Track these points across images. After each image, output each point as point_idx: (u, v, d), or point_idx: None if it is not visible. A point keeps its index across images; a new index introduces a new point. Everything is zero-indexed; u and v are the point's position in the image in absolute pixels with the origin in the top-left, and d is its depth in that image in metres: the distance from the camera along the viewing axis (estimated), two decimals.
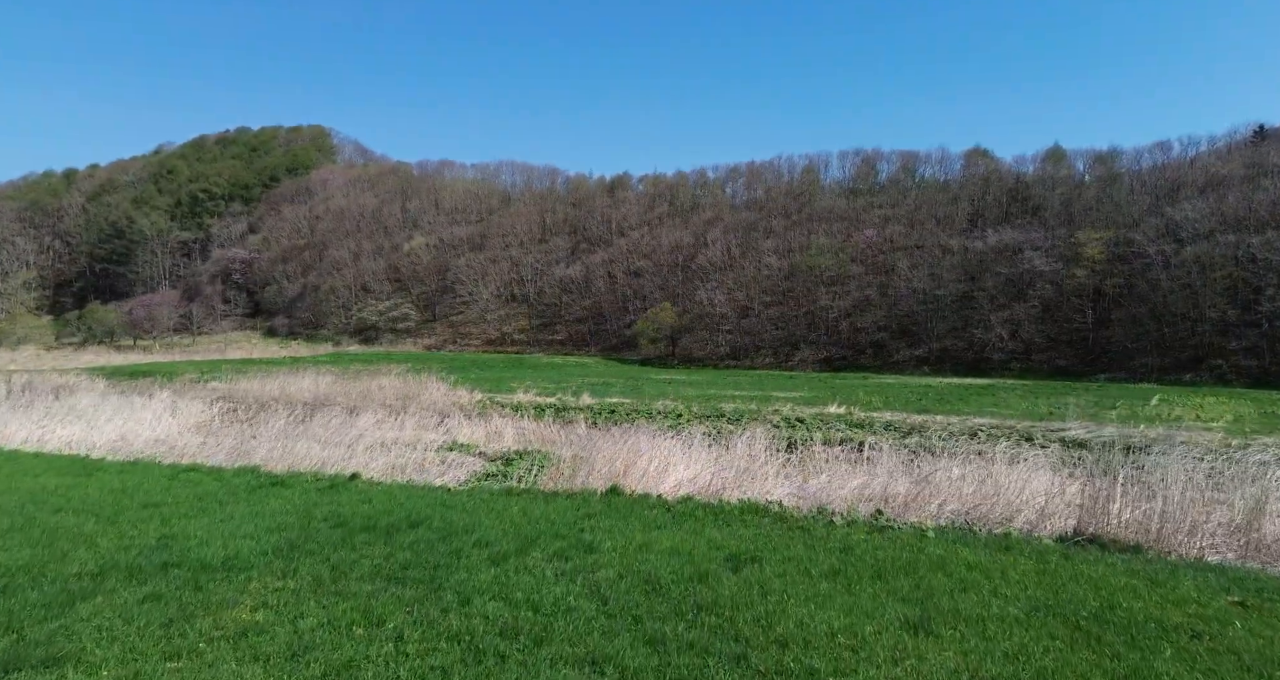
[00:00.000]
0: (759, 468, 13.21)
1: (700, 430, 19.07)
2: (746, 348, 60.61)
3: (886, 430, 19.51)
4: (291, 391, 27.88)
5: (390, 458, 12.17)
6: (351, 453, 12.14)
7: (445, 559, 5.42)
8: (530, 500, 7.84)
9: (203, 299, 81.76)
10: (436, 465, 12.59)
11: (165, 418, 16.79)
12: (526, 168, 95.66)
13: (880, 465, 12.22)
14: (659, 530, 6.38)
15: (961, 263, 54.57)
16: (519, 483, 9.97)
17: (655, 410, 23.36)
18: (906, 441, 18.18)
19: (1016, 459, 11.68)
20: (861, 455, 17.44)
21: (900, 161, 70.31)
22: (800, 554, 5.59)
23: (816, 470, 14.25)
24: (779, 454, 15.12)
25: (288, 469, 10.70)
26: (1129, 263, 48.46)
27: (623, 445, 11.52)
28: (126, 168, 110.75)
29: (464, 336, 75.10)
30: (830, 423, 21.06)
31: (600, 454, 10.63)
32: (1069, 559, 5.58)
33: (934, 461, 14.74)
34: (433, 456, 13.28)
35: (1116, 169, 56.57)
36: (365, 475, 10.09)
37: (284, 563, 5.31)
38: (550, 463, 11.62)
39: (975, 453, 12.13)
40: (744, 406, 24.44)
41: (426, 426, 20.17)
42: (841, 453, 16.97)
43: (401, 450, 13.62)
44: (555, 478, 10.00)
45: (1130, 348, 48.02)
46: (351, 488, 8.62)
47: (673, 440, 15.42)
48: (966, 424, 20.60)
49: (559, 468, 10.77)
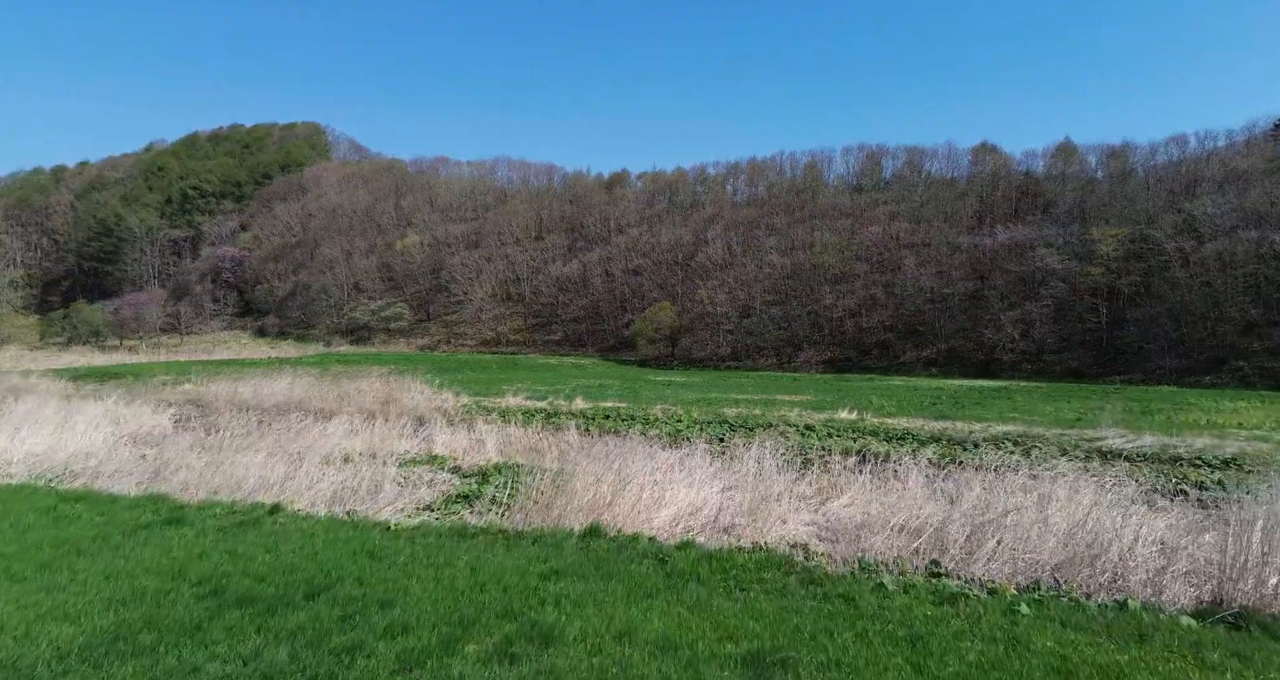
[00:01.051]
0: (771, 489, 11.49)
1: (702, 442, 17.33)
2: (748, 348, 58.88)
3: (905, 440, 17.79)
4: (263, 395, 26.10)
5: (340, 477, 10.39)
6: (294, 471, 10.36)
7: (334, 663, 3.68)
8: (486, 547, 6.11)
9: (191, 298, 79.94)
10: (395, 486, 10.83)
11: (104, 426, 15.02)
12: (523, 164, 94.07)
13: (910, 484, 10.56)
14: (648, 600, 4.64)
15: (970, 260, 52.86)
16: (480, 519, 8.21)
17: (653, 416, 21.59)
18: (928, 451, 16.46)
19: (1074, 479, 9.95)
20: (887, 468, 15.65)
21: (906, 157, 68.61)
22: (850, 651, 3.85)
23: (837, 488, 12.50)
24: (792, 470, 13.40)
25: (208, 495, 8.95)
26: (1145, 260, 46.76)
27: (610, 467, 9.77)
28: (117, 165, 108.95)
29: (458, 337, 73.36)
30: (843, 431, 19.30)
31: (583, 476, 8.88)
32: (1247, 662, 3.82)
33: (972, 481, 12.99)
34: (394, 473, 11.50)
35: (1130, 164, 54.83)
36: (297, 505, 8.34)
37: (87, 672, 3.57)
38: (530, 481, 9.81)
39: (1006, 467, 10.41)
40: (748, 412, 22.62)
41: (402, 434, 18.45)
42: (863, 467, 15.27)
43: (359, 466, 11.85)
44: (528, 507, 8.25)
45: (1147, 349, 46.29)
46: (265, 525, 6.88)
47: (670, 454, 13.61)
48: (990, 432, 18.82)
49: (537, 492, 8.97)
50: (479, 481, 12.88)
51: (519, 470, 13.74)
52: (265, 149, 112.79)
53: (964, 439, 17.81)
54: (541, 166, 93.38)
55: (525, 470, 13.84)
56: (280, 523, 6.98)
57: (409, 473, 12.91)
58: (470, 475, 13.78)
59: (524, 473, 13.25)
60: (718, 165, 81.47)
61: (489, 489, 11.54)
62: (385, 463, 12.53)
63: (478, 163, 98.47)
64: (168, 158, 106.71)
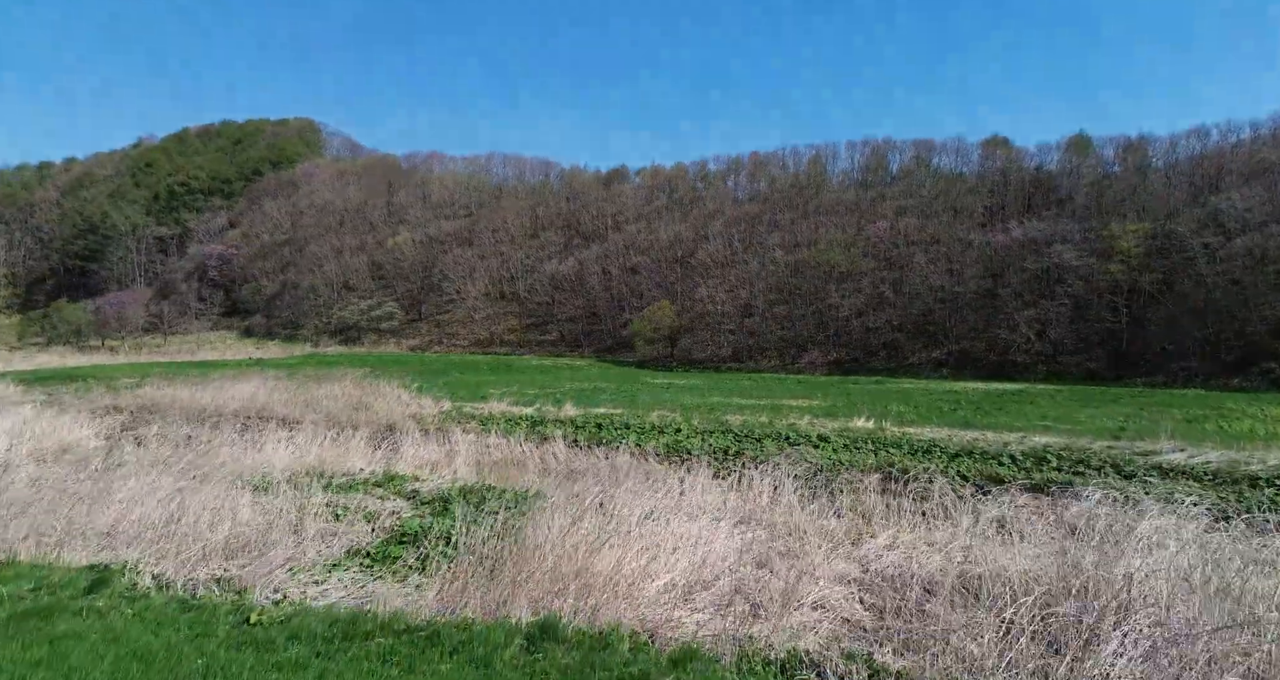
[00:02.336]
0: (793, 521, 9.31)
1: (705, 458, 15.08)
2: (750, 349, 56.64)
3: (932, 453, 15.60)
4: (224, 400, 23.94)
5: (247, 516, 8.16)
6: (190, 506, 8.12)
7: None
8: (376, 661, 3.89)
9: (176, 297, 77.59)
10: (322, 522, 8.61)
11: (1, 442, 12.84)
12: (519, 160, 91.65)
13: (963, 521, 8.55)
14: None
15: (982, 257, 50.63)
16: (404, 587, 5.94)
17: (649, 424, 19.32)
18: (962, 467, 14.28)
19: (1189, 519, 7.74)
20: (917, 488, 13.44)
21: (913, 152, 66.29)
22: None
23: (868, 520, 10.31)
24: (812, 495, 11.19)
25: (53, 545, 6.74)
26: (1168, 257, 44.53)
27: (593, 502, 7.56)
28: (105, 162, 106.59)
29: (451, 337, 71.09)
30: (860, 442, 17.08)
31: (553, 520, 6.67)
32: None
33: (1029, 514, 10.78)
34: (322, 505, 9.28)
35: (1149, 157, 52.61)
36: (156, 567, 6.10)
37: None
38: (488, 523, 7.52)
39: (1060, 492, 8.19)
40: (754, 420, 20.26)
41: (366, 446, 16.26)
42: (887, 484, 13.04)
43: (285, 495, 9.62)
44: (469, 572, 6.01)
45: (1169, 349, 44.07)
46: (63, 617, 4.64)
47: (669, 476, 11.39)
48: (1028, 444, 16.54)
49: (487, 547, 6.67)
50: (436, 511, 10.64)
51: (487, 497, 11.51)
52: (257, 145, 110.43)
53: (999, 452, 15.60)
54: (537, 162, 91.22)
55: (494, 496, 11.63)
56: (96, 608, 4.76)
57: (350, 501, 10.65)
58: (428, 501, 11.53)
59: (492, 499, 11.05)
60: (718, 160, 79.29)
61: (445, 523, 9.31)
62: (317, 489, 10.31)
63: (472, 158, 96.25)
64: (156, 154, 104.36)
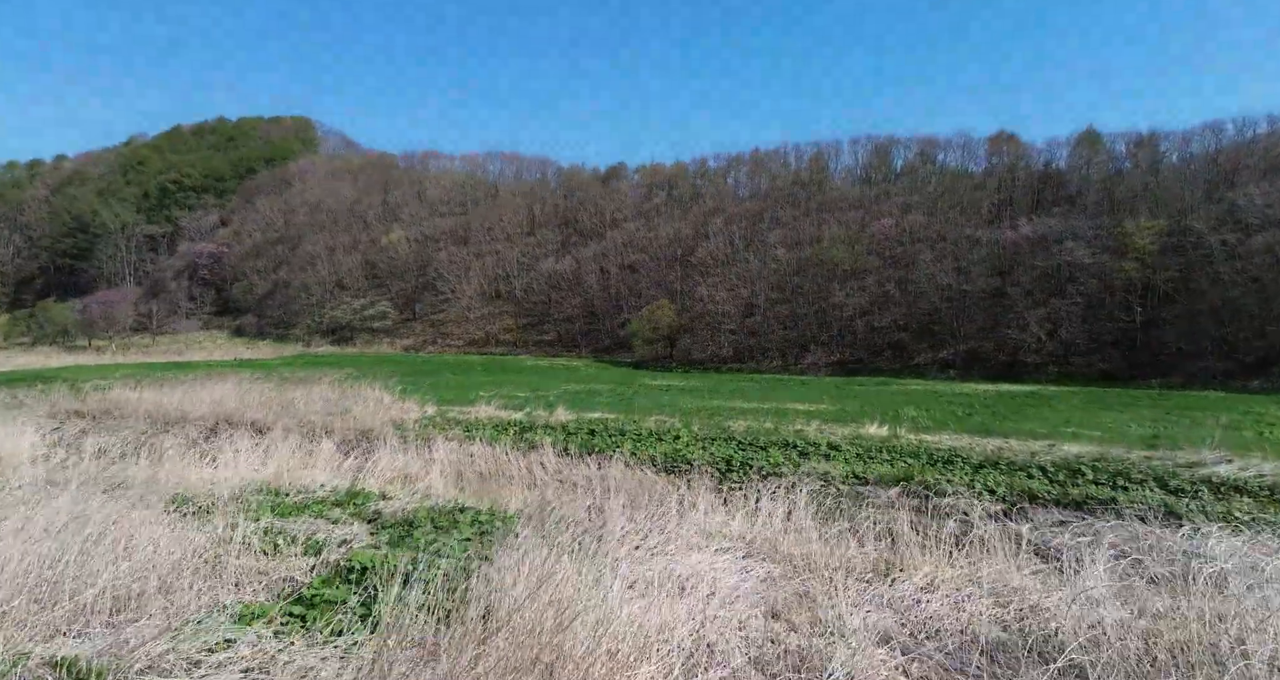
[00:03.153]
0: (810, 552, 7.85)
1: (707, 473, 13.64)
2: (751, 349, 55.17)
3: (953, 463, 14.09)
4: (191, 404, 22.42)
5: (148, 553, 6.65)
6: (67, 547, 6.60)
7: None
8: None
9: (166, 296, 76.07)
10: (247, 558, 7.11)
11: None
12: (516, 158, 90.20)
13: (1001, 549, 7.27)
14: None
15: (991, 255, 49.18)
16: (315, 662, 4.41)
17: (646, 430, 17.77)
18: (989, 480, 12.80)
19: None
20: (955, 507, 12.02)
21: (918, 148, 64.85)
22: None
23: (894, 548, 8.81)
24: (826, 514, 9.70)
25: None
26: (1184, 254, 43.10)
27: (564, 561, 6.06)
28: (97, 159, 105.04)
29: (445, 336, 69.60)
30: (874, 450, 15.53)
31: (513, 579, 5.15)
32: None
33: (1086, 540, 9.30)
34: (254, 536, 7.79)
35: (1162, 152, 51.18)
36: None
37: None
38: (461, 544, 5.99)
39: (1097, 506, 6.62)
40: (757, 425, 18.68)
41: (346, 454, 14.79)
42: (910, 503, 11.56)
43: (212, 520, 8.10)
44: (399, 652, 4.48)
45: (1185, 349, 42.67)
46: None
47: (667, 493, 9.92)
48: (1058, 453, 14.95)
49: (424, 615, 5.15)
50: (396, 539, 9.09)
51: (459, 520, 9.93)
52: (251, 143, 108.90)
53: (1027, 463, 14.07)
54: (535, 160, 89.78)
55: (467, 521, 10.05)
56: None
57: (297, 526, 9.09)
58: (391, 525, 9.92)
59: (464, 523, 9.49)
60: (718, 158, 77.85)
61: (396, 558, 7.79)
62: (265, 509, 8.81)
63: (469, 156, 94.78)
64: (148, 151, 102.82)
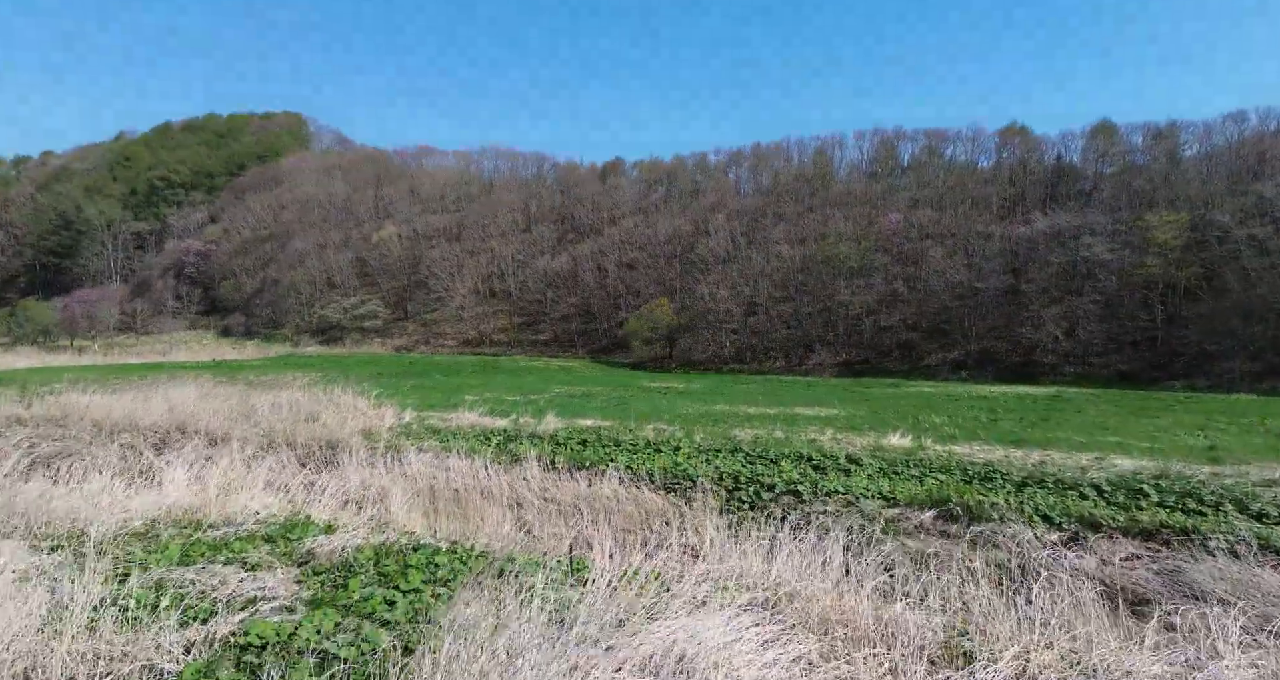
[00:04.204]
0: (844, 604, 5.86)
1: (712, 493, 11.65)
2: (754, 349, 53.15)
3: (991, 481, 12.01)
4: (144, 411, 20.36)
5: None
6: None
7: None
8: None
9: (151, 295, 74.00)
10: (95, 641, 5.08)
11: None
12: (511, 153, 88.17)
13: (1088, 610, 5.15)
14: None
15: (1004, 251, 47.21)
16: None
17: (643, 440, 15.61)
18: (1037, 501, 10.78)
19: None
20: (999, 535, 10.04)
21: (925, 142, 62.80)
22: None
23: (962, 606, 6.81)
24: (860, 548, 7.67)
25: None
26: (1208, 249, 41.14)
27: (527, 655, 4.05)
28: (84, 155, 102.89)
29: (438, 337, 67.51)
30: (900, 465, 13.34)
31: None
32: None
33: None
34: (124, 599, 5.79)
35: (1182, 144, 49.22)
36: None
37: None
38: (421, 581, 3.91)
39: None
40: (766, 434, 16.51)
41: (305, 468, 12.75)
42: (948, 529, 9.59)
43: (81, 573, 6.05)
44: None
45: (1210, 349, 40.71)
46: None
47: (666, 541, 8.00)
48: (1109, 468, 12.72)
49: None
50: (319, 596, 7.00)
51: (410, 565, 7.82)
52: (242, 139, 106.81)
53: (1076, 481, 11.90)
54: (531, 156, 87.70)
55: (422, 562, 7.89)
56: None
57: (198, 578, 7.05)
58: (322, 572, 7.73)
59: (417, 571, 7.39)
60: (719, 153, 75.79)
61: (313, 628, 5.74)
62: (134, 562, 6.78)
63: (463, 152, 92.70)
64: (137, 147, 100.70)
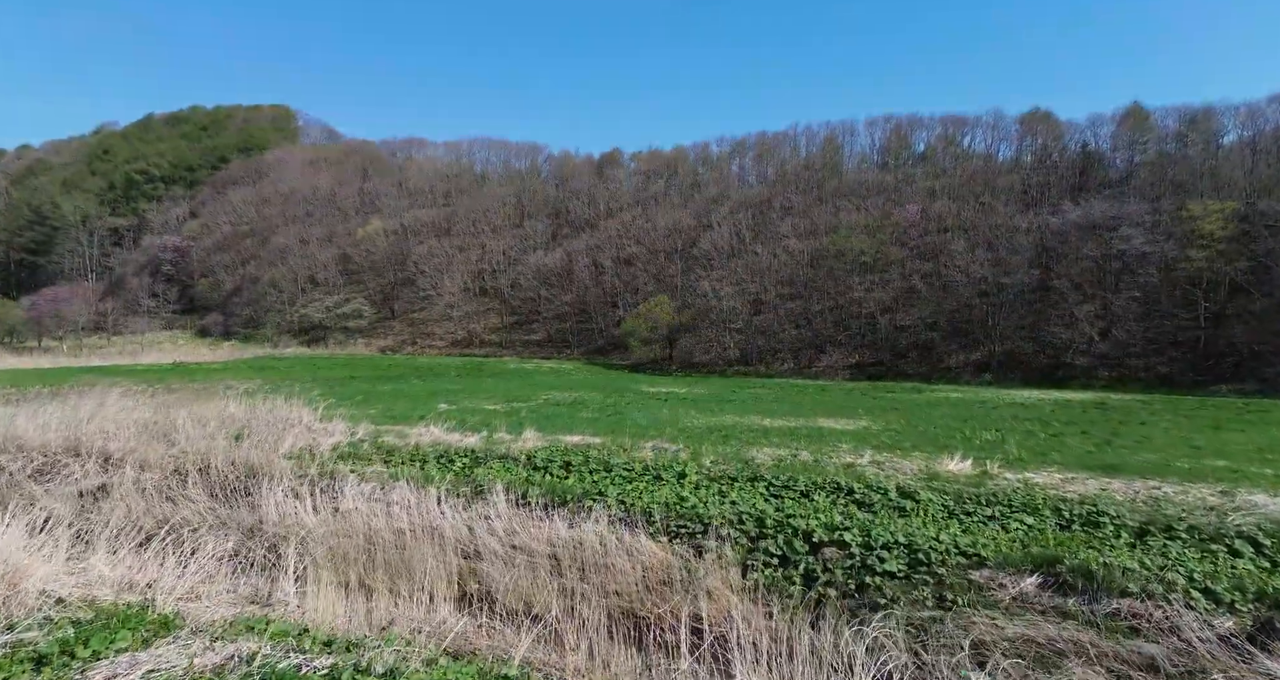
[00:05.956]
0: None
1: (730, 549, 8.29)
2: (760, 350, 49.63)
3: (1099, 527, 8.46)
4: (35, 427, 16.84)
5: None
6: None
7: None
8: None
9: (125, 293, 70.45)
10: None
11: None
12: (504, 144, 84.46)
13: None
14: None
15: (1032, 244, 43.73)
16: None
17: (639, 465, 11.92)
18: (1175, 558, 7.43)
19: None
20: (1144, 621, 6.04)
21: (941, 130, 59.26)
22: None
23: None
24: None
25: None
26: (1257, 241, 37.71)
27: None
28: (61, 149, 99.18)
29: (426, 337, 63.97)
30: (968, 502, 9.75)
31: None
32: None
33: None
34: None
35: (1222, 128, 45.89)
36: None
37: None
38: None
39: None
40: (789, 454, 12.73)
41: (212, 500, 9.50)
42: (1061, 603, 6.51)
43: None
44: None
45: (1260, 350, 37.29)
46: None
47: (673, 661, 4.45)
48: (1251, 510, 9.12)
49: None
50: None
51: None
52: (226, 132, 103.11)
53: (1218, 528, 8.31)
54: (524, 147, 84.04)
55: None
56: None
57: None
58: None
59: None
60: (723, 142, 72.11)
61: None
62: None
63: (454, 143, 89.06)
64: (116, 141, 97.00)
